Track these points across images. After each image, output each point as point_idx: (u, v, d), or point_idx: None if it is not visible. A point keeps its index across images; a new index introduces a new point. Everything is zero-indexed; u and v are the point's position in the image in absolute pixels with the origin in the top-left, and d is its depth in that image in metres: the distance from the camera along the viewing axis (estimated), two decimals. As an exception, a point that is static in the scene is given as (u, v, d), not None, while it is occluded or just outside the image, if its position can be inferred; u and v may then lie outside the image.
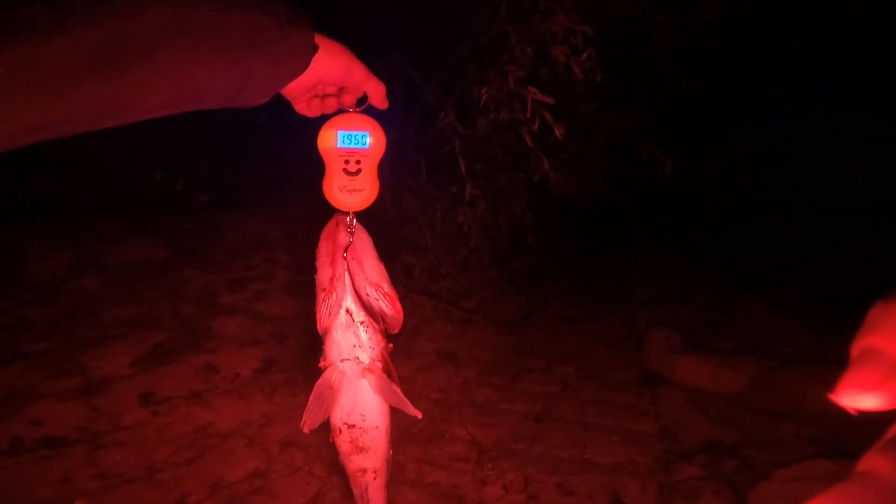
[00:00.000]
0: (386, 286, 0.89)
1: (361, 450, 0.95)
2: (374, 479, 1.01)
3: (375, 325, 0.88)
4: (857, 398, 0.31)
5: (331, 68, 0.72)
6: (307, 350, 2.93)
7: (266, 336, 2.73)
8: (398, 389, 0.90)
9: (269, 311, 2.85)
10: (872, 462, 0.28)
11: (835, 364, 0.30)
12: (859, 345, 0.31)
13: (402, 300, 0.91)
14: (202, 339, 2.43)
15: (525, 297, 3.67)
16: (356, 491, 1.03)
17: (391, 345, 0.93)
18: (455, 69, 3.10)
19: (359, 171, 0.84)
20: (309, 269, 0.90)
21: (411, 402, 0.92)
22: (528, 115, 3.06)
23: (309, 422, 0.86)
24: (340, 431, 0.92)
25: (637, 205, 4.22)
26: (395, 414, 0.96)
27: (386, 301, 0.89)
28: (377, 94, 0.81)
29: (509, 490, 2.23)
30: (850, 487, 0.28)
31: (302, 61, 0.67)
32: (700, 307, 3.47)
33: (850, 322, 0.31)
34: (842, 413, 0.29)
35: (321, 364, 0.88)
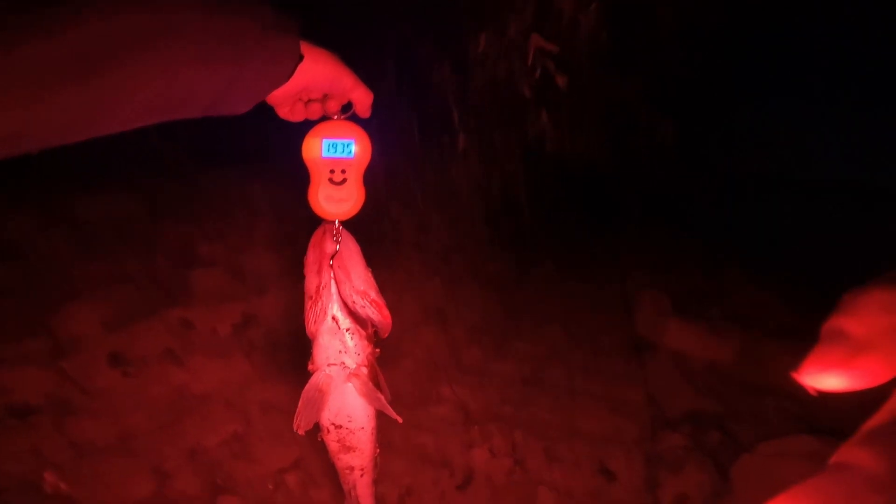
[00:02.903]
0: (373, 293, 0.90)
1: (349, 449, 1.00)
2: (362, 476, 1.07)
3: (362, 331, 0.92)
4: (818, 378, 0.32)
5: (317, 76, 0.71)
6: (288, 305, 2.82)
7: (245, 291, 2.60)
8: (381, 396, 0.92)
9: (250, 264, 2.71)
10: (851, 454, 0.29)
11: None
12: (827, 326, 0.33)
13: (390, 306, 0.91)
14: (177, 293, 2.29)
15: (515, 256, 3.58)
16: (345, 487, 1.10)
17: (378, 350, 0.95)
18: (452, 20, 2.87)
19: (344, 180, 0.84)
20: (292, 222, 0.82)
21: (397, 359, 1.16)
22: (530, 63, 2.88)
23: (302, 424, 0.89)
24: (329, 431, 0.96)
25: (632, 171, 4.10)
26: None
27: (373, 308, 0.89)
28: (363, 102, 0.80)
29: (496, 454, 2.21)
30: (828, 480, 0.28)
31: (287, 69, 0.65)
32: (688, 275, 3.44)
33: (833, 300, 0.32)
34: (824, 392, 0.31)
35: (310, 367, 0.91)
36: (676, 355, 2.92)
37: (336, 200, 0.85)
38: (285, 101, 0.74)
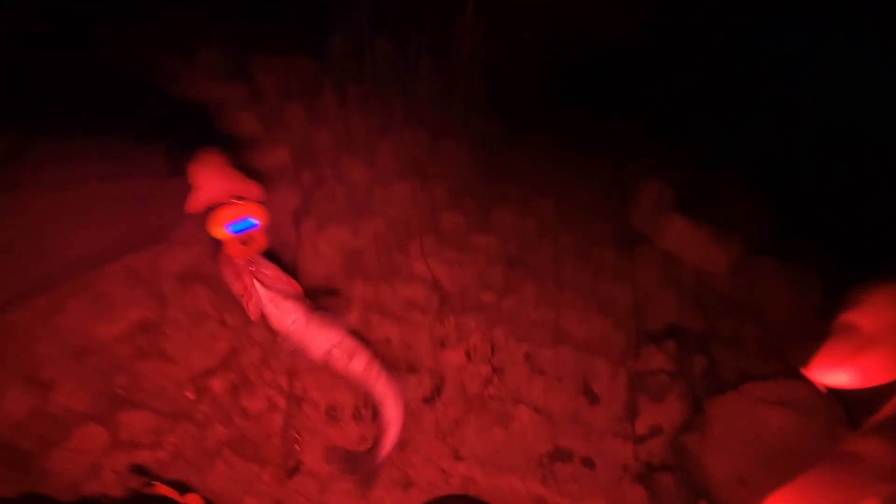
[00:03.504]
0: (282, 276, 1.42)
1: (351, 355, 1.45)
2: (376, 374, 1.48)
3: (289, 301, 1.38)
4: (828, 374, 0.38)
5: (212, 193, 0.89)
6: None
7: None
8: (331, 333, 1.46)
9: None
10: (860, 444, 0.35)
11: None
12: (837, 321, 0.38)
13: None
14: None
15: (510, 117, 2.90)
16: (376, 397, 1.47)
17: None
18: None
19: (252, 239, 1.18)
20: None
21: (365, 217, 1.97)
22: None
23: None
24: (331, 356, 1.42)
25: (660, 64, 3.29)
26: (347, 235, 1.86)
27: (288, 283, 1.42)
28: (253, 195, 1.06)
29: (472, 359, 1.87)
30: (837, 468, 0.34)
31: (182, 208, 0.81)
32: (688, 177, 3.00)
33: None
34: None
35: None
36: (667, 257, 2.62)
37: (246, 248, 1.20)
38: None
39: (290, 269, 1.57)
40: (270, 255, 1.45)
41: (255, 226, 1.10)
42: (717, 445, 1.90)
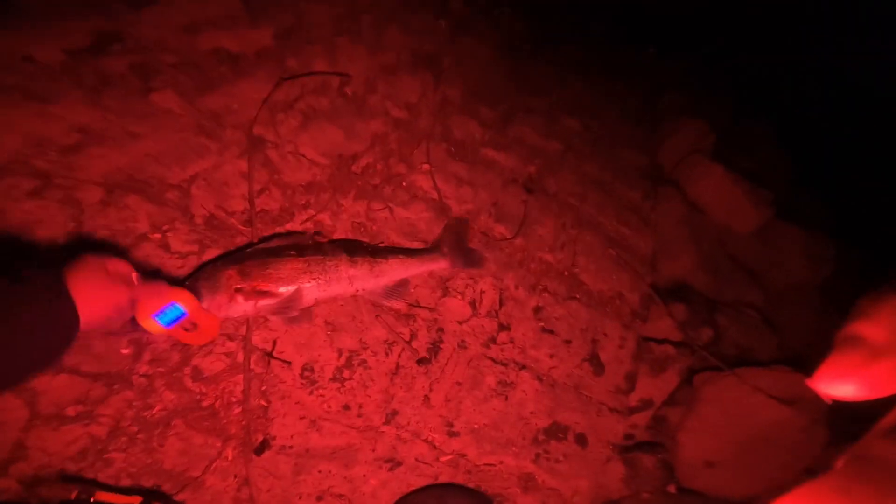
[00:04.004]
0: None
1: (377, 274, 1.39)
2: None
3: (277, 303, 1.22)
4: (833, 386, 0.36)
5: (102, 313, 0.78)
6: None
7: None
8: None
9: None
10: (876, 448, 0.32)
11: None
12: (844, 332, 0.35)
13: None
14: None
15: (541, 23, 2.33)
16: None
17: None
18: None
19: (195, 324, 1.05)
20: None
21: (363, 112, 1.62)
22: None
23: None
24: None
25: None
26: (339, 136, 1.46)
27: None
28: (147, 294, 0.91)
29: (478, 310, 1.60)
30: (852, 472, 0.31)
31: (70, 329, 0.72)
32: (724, 120, 2.62)
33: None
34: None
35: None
36: (693, 207, 2.34)
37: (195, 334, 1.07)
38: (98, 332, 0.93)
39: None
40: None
41: (184, 314, 0.96)
42: (697, 424, 1.80)
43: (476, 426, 1.41)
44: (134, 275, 0.86)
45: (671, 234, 2.25)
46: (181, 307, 0.95)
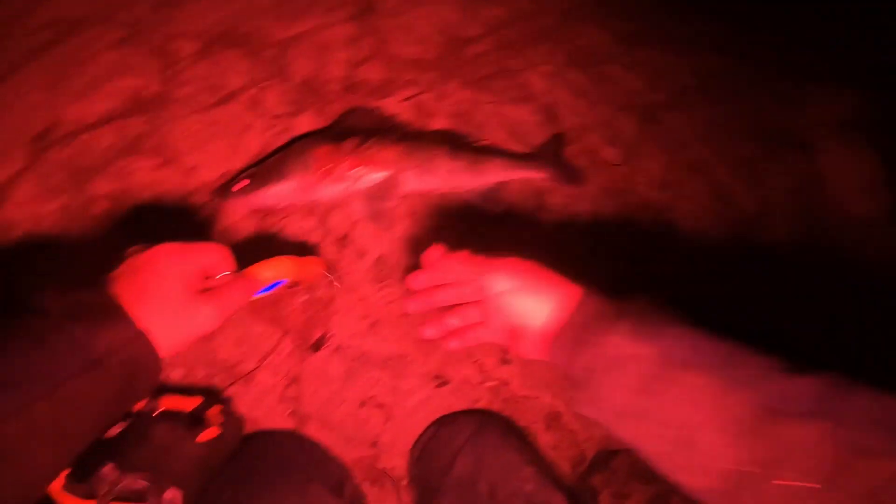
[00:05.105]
0: None
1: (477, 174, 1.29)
2: None
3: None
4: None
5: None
6: None
7: None
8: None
9: None
10: None
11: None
12: None
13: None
14: None
15: None
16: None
17: None
18: None
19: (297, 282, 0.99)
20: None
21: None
22: None
23: None
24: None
25: None
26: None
27: None
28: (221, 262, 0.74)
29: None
30: None
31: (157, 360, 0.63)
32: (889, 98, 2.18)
33: None
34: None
35: None
36: (814, 178, 2.06)
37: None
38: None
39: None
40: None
41: (284, 281, 0.89)
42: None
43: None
44: (229, 264, 0.73)
45: (778, 200, 2.01)
46: (281, 280, 0.89)
